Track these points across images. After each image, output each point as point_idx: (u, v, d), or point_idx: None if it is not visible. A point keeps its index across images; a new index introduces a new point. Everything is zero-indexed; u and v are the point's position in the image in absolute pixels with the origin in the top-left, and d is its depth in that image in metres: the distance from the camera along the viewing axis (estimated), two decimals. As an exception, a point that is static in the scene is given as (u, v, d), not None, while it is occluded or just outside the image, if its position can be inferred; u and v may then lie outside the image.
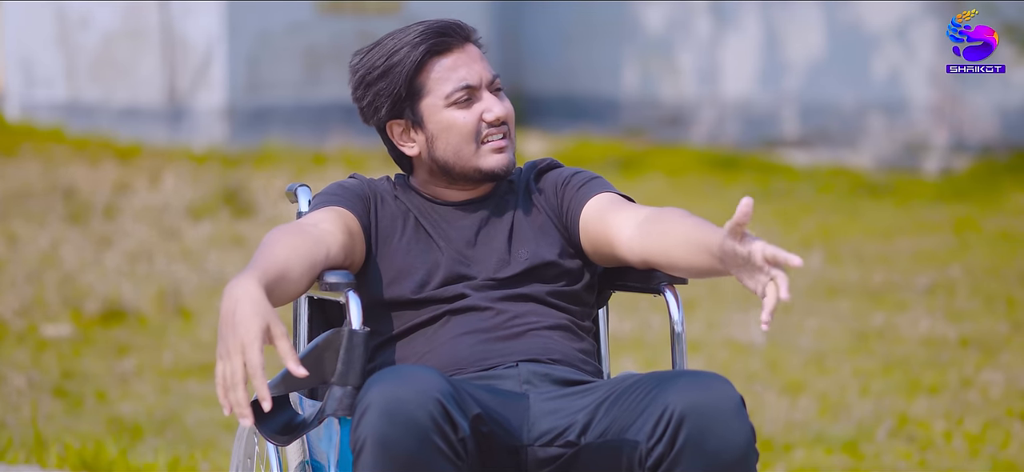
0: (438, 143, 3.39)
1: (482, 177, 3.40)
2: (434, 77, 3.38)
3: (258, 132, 13.75)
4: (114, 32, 14.21)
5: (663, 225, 3.26)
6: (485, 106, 3.38)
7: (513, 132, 3.42)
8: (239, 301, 2.96)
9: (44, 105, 14.59)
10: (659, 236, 3.25)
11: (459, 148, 3.38)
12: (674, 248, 3.22)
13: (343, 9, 14.44)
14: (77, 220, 10.34)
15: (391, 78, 3.38)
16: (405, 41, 3.38)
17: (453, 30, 3.40)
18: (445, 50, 3.39)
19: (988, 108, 13.23)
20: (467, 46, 3.41)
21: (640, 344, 7.36)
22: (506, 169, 3.40)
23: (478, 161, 3.39)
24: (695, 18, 14.53)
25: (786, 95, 14.11)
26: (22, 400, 6.38)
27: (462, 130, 3.37)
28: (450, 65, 3.39)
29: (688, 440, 3.00)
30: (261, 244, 3.17)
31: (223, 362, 2.94)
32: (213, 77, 13.80)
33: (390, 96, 3.39)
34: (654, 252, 3.26)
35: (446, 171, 3.40)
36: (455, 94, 3.37)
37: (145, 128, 13.93)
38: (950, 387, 6.57)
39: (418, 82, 3.38)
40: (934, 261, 9.41)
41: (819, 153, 13.65)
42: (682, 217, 3.25)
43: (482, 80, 3.39)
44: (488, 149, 3.39)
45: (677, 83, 14.58)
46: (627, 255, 3.32)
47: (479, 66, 3.40)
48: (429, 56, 3.38)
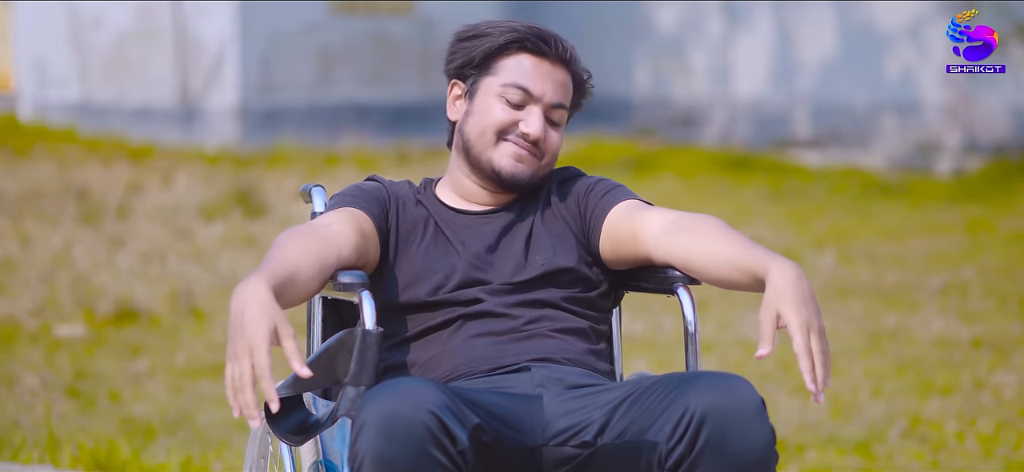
0: (471, 119, 3.43)
1: (493, 173, 3.40)
2: (507, 65, 3.42)
3: (270, 132, 13.76)
4: (126, 32, 14.23)
5: (701, 236, 3.26)
6: (528, 118, 3.40)
7: (545, 159, 3.42)
8: (247, 303, 2.97)
9: (57, 105, 14.62)
10: (699, 248, 3.25)
11: (483, 133, 3.41)
12: (716, 266, 3.23)
13: (356, 9, 14.45)
14: (90, 220, 10.35)
15: (476, 43, 3.44)
16: (508, 25, 3.45)
17: (553, 41, 3.44)
18: (535, 52, 3.42)
19: (1001, 109, 13.22)
20: (558, 65, 3.43)
21: (653, 345, 7.36)
22: (514, 176, 3.40)
23: (492, 154, 3.40)
24: (707, 18, 14.52)
25: (798, 95, 14.10)
26: (36, 400, 6.39)
27: (492, 120, 3.40)
28: (528, 67, 3.42)
29: (709, 441, 3.00)
30: (272, 246, 3.17)
31: (231, 364, 2.95)
32: (225, 77, 13.82)
33: (466, 57, 3.44)
34: (691, 261, 3.27)
35: (467, 152, 3.43)
36: (510, 89, 3.39)
37: (157, 128, 13.95)
38: (963, 388, 6.56)
39: (494, 61, 3.43)
40: (947, 262, 9.40)
41: (831, 153, 13.64)
42: (722, 232, 3.25)
43: (543, 96, 3.40)
44: (506, 149, 3.40)
45: (689, 83, 14.58)
46: (652, 250, 3.32)
47: (551, 85, 3.42)
48: (518, 47, 3.42)
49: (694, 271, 3.29)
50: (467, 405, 3.03)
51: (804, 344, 3.01)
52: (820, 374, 3.00)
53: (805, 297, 3.05)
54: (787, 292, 3.05)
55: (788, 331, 3.02)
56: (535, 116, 3.40)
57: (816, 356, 3.01)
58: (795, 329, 3.02)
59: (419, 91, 14.73)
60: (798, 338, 3.01)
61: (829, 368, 3.02)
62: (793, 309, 3.03)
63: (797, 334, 3.01)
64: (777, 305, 3.04)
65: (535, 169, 3.42)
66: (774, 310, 3.04)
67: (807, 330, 3.02)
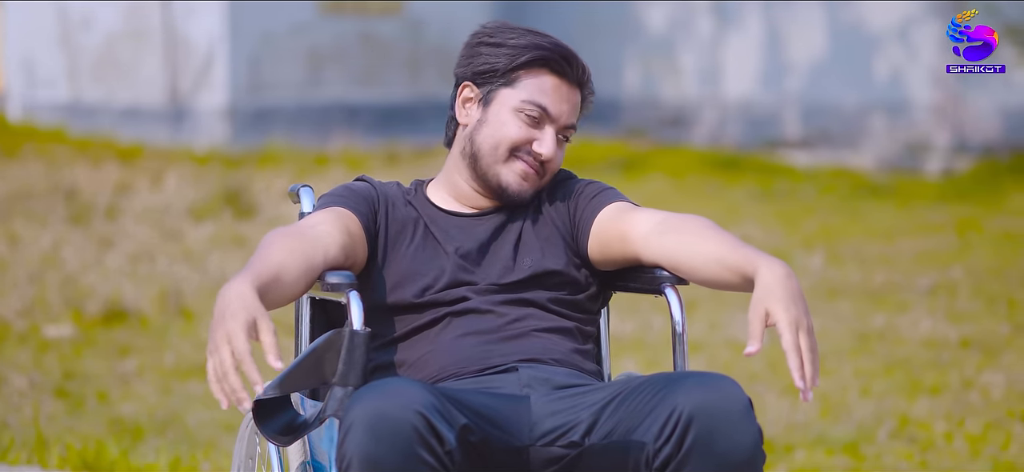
0: (484, 129, 3.41)
1: (498, 188, 3.41)
2: (529, 81, 3.40)
3: (260, 133, 13.75)
4: (116, 32, 14.22)
5: (690, 236, 3.27)
6: (542, 138, 3.40)
7: (547, 177, 3.43)
8: (230, 302, 2.98)
9: (46, 105, 14.60)
10: (688, 248, 3.26)
11: (495, 147, 3.40)
12: (705, 266, 3.24)
13: (345, 10, 14.44)
14: (79, 221, 10.34)
15: (501, 52, 3.41)
16: (536, 39, 3.42)
17: (576, 65, 3.43)
18: (556, 72, 3.41)
19: (990, 109, 13.23)
20: (575, 89, 3.43)
21: (641, 345, 7.36)
22: (519, 194, 3.41)
23: (500, 169, 3.40)
24: (697, 18, 14.53)
25: (788, 96, 14.11)
26: (24, 401, 6.39)
27: (507, 135, 3.39)
28: (550, 86, 3.40)
29: (696, 441, 3.00)
30: (258, 246, 3.18)
31: (212, 357, 2.96)
32: (215, 78, 13.81)
33: (486, 64, 3.41)
34: (680, 261, 3.27)
35: (474, 160, 3.41)
36: (529, 106, 3.39)
37: (147, 129, 13.94)
38: (951, 388, 6.57)
39: (517, 73, 3.41)
40: (935, 262, 9.41)
41: (821, 154, 13.66)
42: (711, 231, 3.26)
43: (560, 118, 3.40)
44: (516, 167, 3.40)
45: (679, 84, 14.59)
46: (641, 251, 3.33)
47: (567, 107, 3.42)
48: (541, 64, 3.40)
49: (683, 271, 3.29)
50: (455, 405, 3.04)
51: (793, 341, 3.02)
52: (808, 372, 3.01)
53: (794, 295, 3.05)
54: (776, 290, 3.06)
55: (777, 329, 3.03)
56: (549, 137, 3.41)
57: (805, 354, 3.02)
58: (784, 327, 3.03)
59: (408, 91, 14.73)
60: (787, 335, 3.02)
61: (817, 366, 3.03)
62: (782, 307, 3.04)
63: (786, 331, 3.02)
64: (766, 303, 3.05)
65: (537, 187, 3.43)
66: (763, 308, 3.05)
67: (796, 328, 3.03)
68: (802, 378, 3.01)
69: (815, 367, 3.03)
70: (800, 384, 3.01)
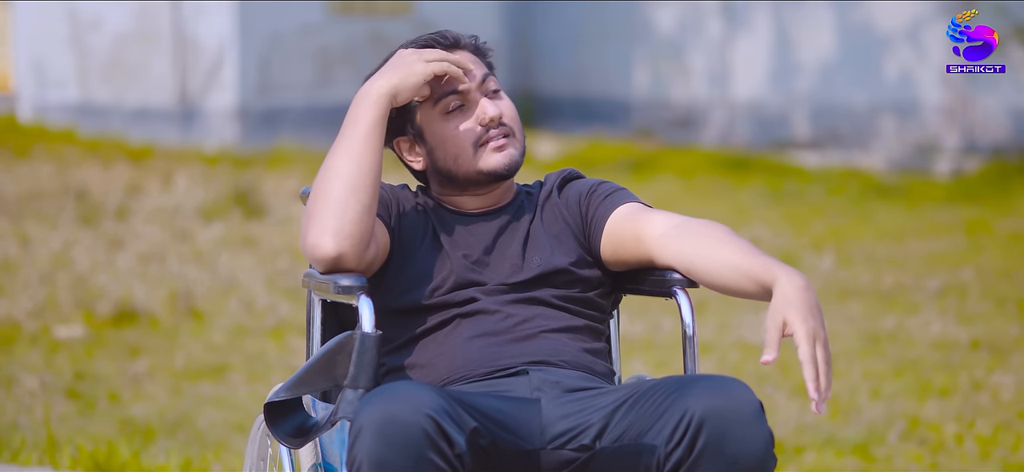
0: (438, 153, 3.39)
1: (486, 178, 3.39)
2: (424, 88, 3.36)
3: (270, 133, 13.76)
4: (126, 33, 14.24)
5: (708, 241, 3.27)
6: (479, 109, 3.37)
7: (517, 129, 3.41)
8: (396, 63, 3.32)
9: (56, 106, 14.62)
10: (705, 252, 3.26)
11: (458, 155, 3.37)
12: (721, 272, 3.24)
13: (355, 10, 14.45)
14: (89, 221, 10.36)
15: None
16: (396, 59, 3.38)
17: (437, 40, 3.39)
18: None
19: (1000, 110, 13.22)
20: (455, 51, 3.40)
21: (651, 346, 7.36)
22: (508, 167, 3.39)
23: (479, 163, 3.38)
24: (706, 19, 14.53)
25: (797, 96, 14.11)
26: (35, 401, 6.40)
27: (458, 138, 3.37)
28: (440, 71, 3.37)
29: (707, 445, 3.01)
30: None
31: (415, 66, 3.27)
32: (225, 78, 13.82)
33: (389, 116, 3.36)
34: (696, 265, 3.27)
35: (451, 179, 3.40)
36: (447, 101, 3.37)
37: (157, 129, 13.95)
38: (961, 390, 6.57)
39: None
40: (945, 263, 9.40)
41: (830, 155, 13.65)
42: (728, 237, 3.25)
43: (473, 80, 3.37)
44: (488, 150, 3.38)
45: (688, 84, 14.58)
46: (656, 252, 3.32)
47: (470, 67, 3.38)
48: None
49: (698, 275, 3.29)
50: (464, 409, 3.04)
51: (810, 353, 3.04)
52: (823, 384, 3.04)
53: (812, 307, 3.08)
54: (795, 301, 3.07)
55: (794, 339, 3.05)
56: (483, 101, 3.38)
57: (820, 366, 3.04)
58: (801, 338, 3.04)
59: (418, 92, 14.71)
60: (804, 347, 3.04)
61: (831, 379, 3.06)
62: (800, 318, 3.06)
63: (803, 343, 3.04)
64: (785, 313, 3.06)
65: (518, 146, 3.41)
66: (781, 318, 3.06)
67: (813, 340, 3.05)
68: (817, 390, 3.03)
69: (829, 379, 3.05)
70: (814, 396, 3.03)
